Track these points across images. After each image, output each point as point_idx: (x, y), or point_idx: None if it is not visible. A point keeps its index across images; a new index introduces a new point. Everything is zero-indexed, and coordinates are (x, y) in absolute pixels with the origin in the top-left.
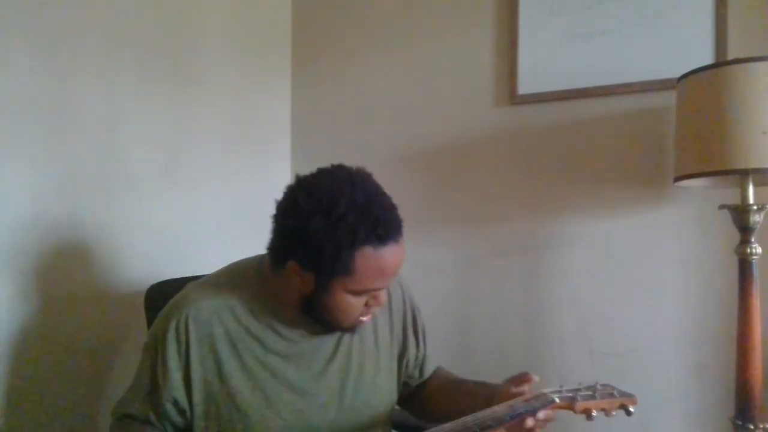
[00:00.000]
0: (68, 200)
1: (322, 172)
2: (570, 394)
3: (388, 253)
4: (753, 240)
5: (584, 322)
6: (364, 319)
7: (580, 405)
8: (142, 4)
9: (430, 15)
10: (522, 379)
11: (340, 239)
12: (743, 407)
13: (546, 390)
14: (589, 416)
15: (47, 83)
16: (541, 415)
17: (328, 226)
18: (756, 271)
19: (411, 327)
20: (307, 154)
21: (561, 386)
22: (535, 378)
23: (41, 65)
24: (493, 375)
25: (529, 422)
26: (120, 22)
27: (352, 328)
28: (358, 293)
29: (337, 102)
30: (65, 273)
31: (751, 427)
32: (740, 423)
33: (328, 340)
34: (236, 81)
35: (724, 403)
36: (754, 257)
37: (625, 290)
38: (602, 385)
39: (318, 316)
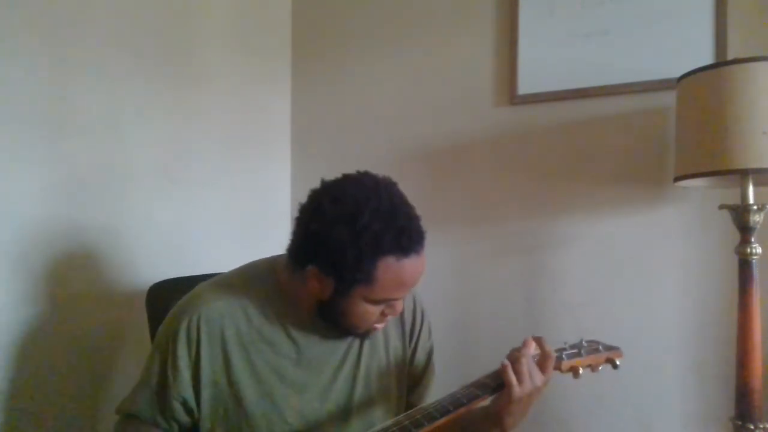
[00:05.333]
0: (69, 201)
1: (347, 178)
2: (555, 354)
3: (410, 264)
4: (753, 240)
5: (584, 322)
6: (379, 326)
7: (566, 364)
8: (142, 6)
9: (430, 15)
10: None
11: (363, 247)
12: (743, 407)
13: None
14: (575, 374)
15: (49, 86)
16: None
17: (352, 233)
18: (756, 271)
19: (419, 340)
20: (307, 154)
21: None
22: None
23: (42, 68)
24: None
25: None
26: (120, 23)
27: (366, 334)
28: (375, 302)
29: (337, 102)
30: (66, 273)
31: (751, 427)
32: (740, 423)
33: (339, 345)
34: (236, 82)
35: (724, 403)
36: (754, 257)
37: (624, 290)
38: (587, 341)
39: (333, 321)
